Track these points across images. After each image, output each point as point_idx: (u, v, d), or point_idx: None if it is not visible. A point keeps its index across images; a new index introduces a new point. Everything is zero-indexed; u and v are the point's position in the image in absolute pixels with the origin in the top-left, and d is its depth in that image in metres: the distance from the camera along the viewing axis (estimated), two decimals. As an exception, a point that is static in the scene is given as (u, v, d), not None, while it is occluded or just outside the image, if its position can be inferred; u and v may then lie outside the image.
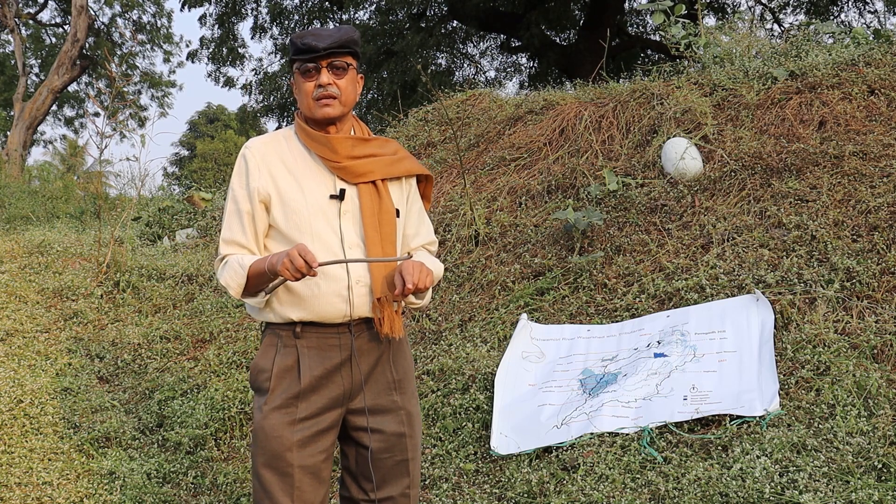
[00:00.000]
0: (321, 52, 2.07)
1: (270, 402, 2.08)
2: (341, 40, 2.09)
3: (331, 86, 2.09)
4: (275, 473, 2.07)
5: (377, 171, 2.15)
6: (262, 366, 2.13)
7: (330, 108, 2.11)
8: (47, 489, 3.33)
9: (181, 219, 7.51)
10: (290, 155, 2.16)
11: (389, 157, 2.20)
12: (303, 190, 2.11)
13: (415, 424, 2.20)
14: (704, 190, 4.29)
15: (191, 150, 36.80)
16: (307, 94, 2.12)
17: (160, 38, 23.41)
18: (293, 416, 2.07)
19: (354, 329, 2.11)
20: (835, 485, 2.51)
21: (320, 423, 2.10)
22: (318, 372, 2.09)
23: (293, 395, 2.08)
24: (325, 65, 2.09)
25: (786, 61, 4.95)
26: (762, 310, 3.33)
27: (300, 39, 2.10)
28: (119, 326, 4.96)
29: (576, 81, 6.27)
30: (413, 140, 6.40)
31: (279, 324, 2.13)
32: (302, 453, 2.07)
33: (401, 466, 2.16)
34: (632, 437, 2.99)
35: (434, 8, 15.50)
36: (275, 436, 2.06)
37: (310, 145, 2.15)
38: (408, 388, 2.21)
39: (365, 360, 2.13)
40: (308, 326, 2.10)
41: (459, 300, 4.32)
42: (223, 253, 2.13)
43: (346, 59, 2.12)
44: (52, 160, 22.14)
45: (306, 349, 2.10)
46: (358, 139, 2.17)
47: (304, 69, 2.11)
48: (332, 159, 2.12)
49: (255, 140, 2.20)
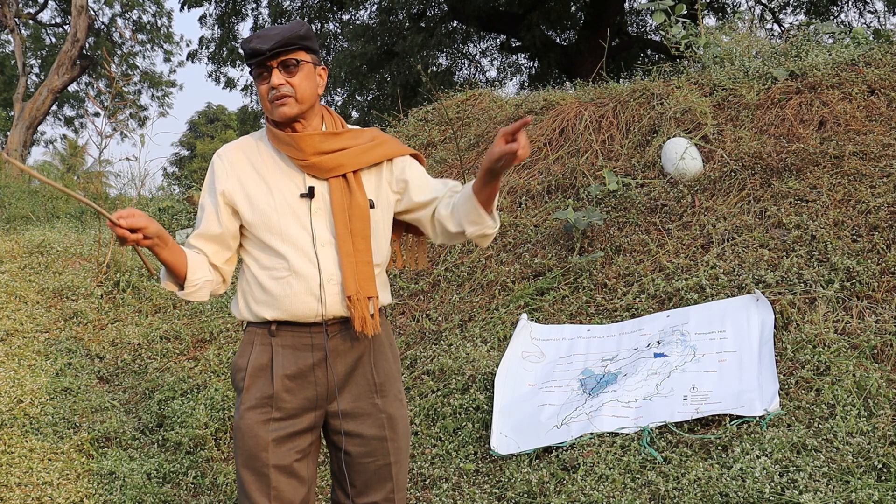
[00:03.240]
0: (266, 53, 2.04)
1: (246, 402, 2.08)
2: (285, 38, 2.05)
3: (283, 86, 2.06)
4: (252, 473, 2.06)
5: (347, 164, 2.12)
6: (239, 364, 2.13)
7: (286, 107, 2.08)
8: (47, 489, 3.33)
9: (181, 219, 7.50)
10: (260, 157, 2.15)
11: (362, 146, 2.15)
12: (271, 191, 2.10)
13: (397, 428, 2.15)
14: (704, 190, 4.29)
15: (191, 150, 36.81)
16: (263, 96, 2.11)
17: (160, 37, 23.42)
18: (268, 416, 2.06)
19: (329, 329, 2.09)
20: (835, 485, 2.51)
21: (297, 423, 2.09)
22: (290, 371, 2.07)
23: (267, 395, 2.07)
24: (275, 65, 2.07)
25: (786, 61, 4.95)
26: (762, 310, 3.33)
27: (247, 44, 2.07)
28: (119, 326, 4.96)
29: (576, 81, 6.27)
30: (413, 140, 6.40)
31: (256, 323, 2.13)
32: (277, 453, 2.06)
33: (383, 471, 2.13)
34: (632, 437, 2.99)
35: (434, 8, 15.50)
36: (250, 435, 2.06)
37: (277, 146, 2.14)
38: (390, 391, 2.17)
39: (342, 361, 2.11)
40: (283, 326, 2.09)
41: (459, 300, 4.32)
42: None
43: (296, 56, 2.07)
44: (52, 160, 22.13)
45: (280, 348, 2.09)
46: (327, 134, 2.13)
47: (257, 74, 2.09)
48: (298, 157, 2.10)
49: (226, 146, 2.20)
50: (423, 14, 15.42)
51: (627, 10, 16.05)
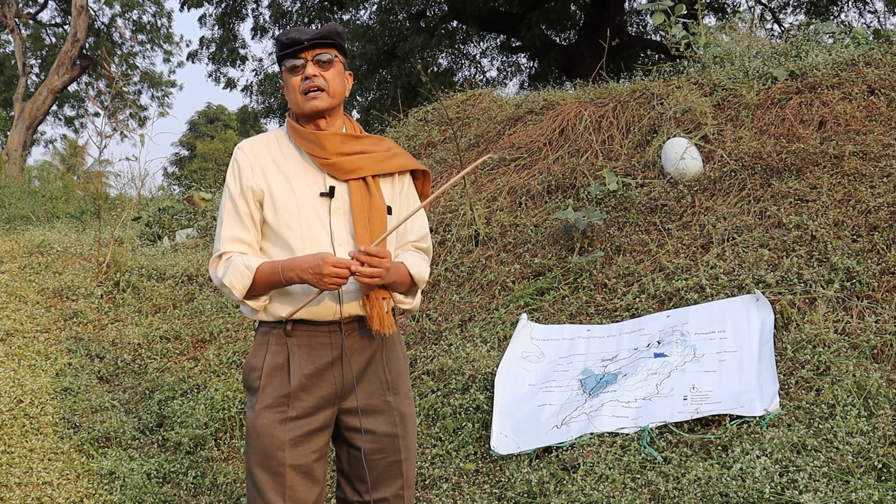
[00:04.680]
0: (305, 43, 2.09)
1: (261, 401, 2.08)
2: (324, 32, 2.11)
3: (317, 77, 2.10)
4: (267, 472, 2.06)
5: (367, 168, 2.14)
6: (254, 364, 2.13)
7: (318, 100, 2.11)
8: (47, 489, 3.33)
9: (181, 219, 7.51)
10: (281, 154, 2.16)
11: (381, 154, 2.19)
12: (293, 188, 2.11)
13: (408, 425, 2.18)
14: (704, 190, 4.29)
15: (191, 150, 36.80)
16: (294, 88, 2.13)
17: (160, 37, 23.43)
18: (284, 415, 2.07)
19: (345, 327, 2.10)
20: (835, 485, 2.50)
21: (312, 422, 2.09)
22: (308, 370, 2.08)
23: (284, 394, 2.07)
24: (310, 58, 2.11)
25: (786, 61, 4.95)
26: (762, 310, 3.33)
27: (285, 35, 2.12)
28: (119, 326, 4.96)
29: (576, 81, 6.27)
30: (413, 140, 6.41)
31: (271, 322, 2.13)
32: (294, 452, 2.06)
33: (394, 467, 2.15)
34: (632, 437, 2.99)
35: (434, 8, 15.51)
36: (266, 434, 2.06)
37: (300, 143, 2.15)
38: (401, 388, 2.20)
39: (356, 359, 2.13)
40: (299, 325, 2.10)
41: (459, 300, 4.32)
42: (225, 249, 2.11)
43: (331, 52, 2.13)
44: (52, 160, 22.14)
45: (297, 347, 2.09)
46: (348, 136, 2.17)
47: (291, 66, 2.12)
48: (320, 156, 2.12)
49: (246, 141, 2.21)
50: (423, 14, 15.42)
51: (627, 10, 16.06)
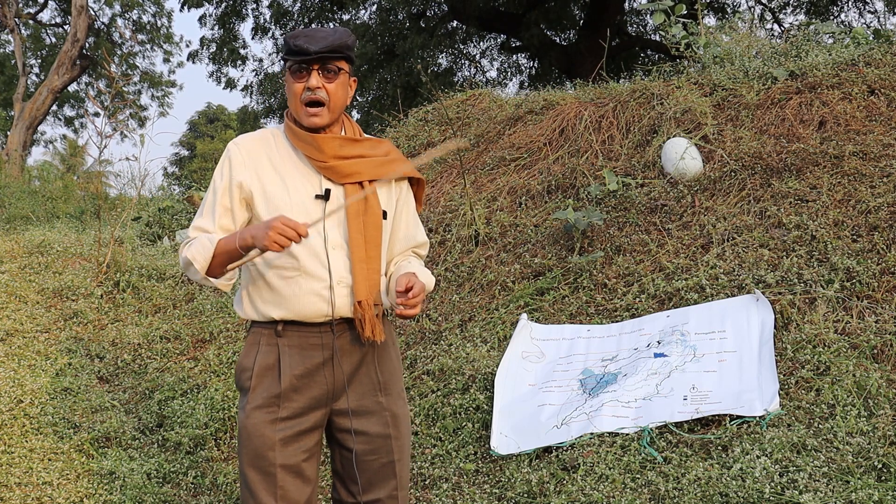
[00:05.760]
0: (312, 55, 2.05)
1: (252, 401, 2.08)
2: (334, 45, 2.06)
3: (319, 89, 2.07)
4: (258, 473, 2.06)
5: (365, 172, 2.13)
6: (245, 364, 2.13)
7: (317, 118, 2.09)
8: (47, 489, 3.33)
9: (181, 219, 7.50)
10: (277, 153, 2.15)
11: (379, 159, 2.17)
12: (287, 189, 2.10)
13: (401, 426, 2.17)
14: (704, 190, 4.29)
15: (191, 150, 36.80)
16: (296, 94, 2.10)
17: (160, 37, 23.42)
18: (275, 415, 2.07)
19: (336, 328, 2.10)
20: (835, 485, 2.51)
21: (303, 422, 2.09)
22: (298, 371, 2.08)
23: (274, 395, 2.07)
24: (316, 67, 2.08)
25: (786, 61, 4.95)
26: (762, 310, 3.33)
27: (293, 40, 2.08)
28: (119, 326, 4.96)
29: (576, 81, 6.27)
30: (413, 140, 6.40)
31: (262, 322, 2.12)
32: (284, 452, 2.06)
33: (387, 468, 2.14)
34: (632, 437, 2.99)
35: (434, 8, 15.51)
36: (257, 435, 2.06)
37: (297, 144, 2.14)
38: (393, 389, 2.19)
39: (347, 360, 2.12)
40: (290, 325, 2.09)
41: (459, 300, 4.32)
42: (191, 235, 2.11)
43: (338, 64, 2.10)
44: (52, 160, 22.13)
45: (287, 348, 2.09)
46: (347, 139, 2.15)
47: (295, 69, 2.09)
48: (318, 159, 2.11)
49: (242, 136, 2.19)
50: (423, 14, 15.42)
51: (627, 10, 16.06)
